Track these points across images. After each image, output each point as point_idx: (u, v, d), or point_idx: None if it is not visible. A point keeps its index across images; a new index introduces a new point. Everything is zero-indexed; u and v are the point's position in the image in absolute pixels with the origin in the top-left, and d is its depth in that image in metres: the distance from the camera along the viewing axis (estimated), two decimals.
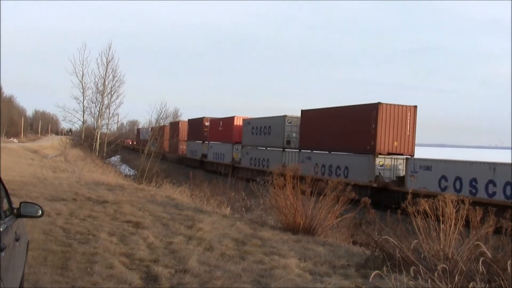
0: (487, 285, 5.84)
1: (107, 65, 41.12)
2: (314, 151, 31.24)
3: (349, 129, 27.45)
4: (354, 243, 10.52)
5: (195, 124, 55.01)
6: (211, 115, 51.87)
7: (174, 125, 63.32)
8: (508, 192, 19.24)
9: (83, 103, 42.07)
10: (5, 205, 4.52)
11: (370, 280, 5.95)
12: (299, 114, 33.53)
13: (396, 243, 6.77)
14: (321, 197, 10.49)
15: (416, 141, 26.97)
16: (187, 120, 60.49)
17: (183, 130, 60.81)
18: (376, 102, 25.55)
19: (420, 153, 28.88)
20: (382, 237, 7.23)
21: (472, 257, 6.27)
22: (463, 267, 6.07)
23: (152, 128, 68.44)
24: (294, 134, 34.07)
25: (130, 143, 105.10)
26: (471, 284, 5.79)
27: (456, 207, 6.65)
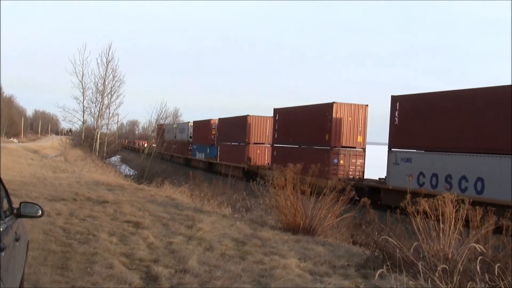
0: (487, 285, 5.84)
1: (107, 65, 41.09)
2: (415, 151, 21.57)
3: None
4: (354, 243, 10.51)
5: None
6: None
7: (305, 112, 29.77)
8: None
9: (83, 103, 42.08)
10: (5, 205, 4.52)
11: (375, 279, 5.94)
12: None
13: (396, 243, 6.77)
14: (321, 197, 10.49)
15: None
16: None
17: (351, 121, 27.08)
18: None
19: None
20: (382, 237, 7.22)
21: (472, 257, 6.27)
22: (463, 267, 6.07)
23: (197, 122, 45.14)
24: None
25: (145, 145, 69.91)
26: (471, 284, 5.80)
27: (455, 207, 6.65)
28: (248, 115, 37.65)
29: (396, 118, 22.45)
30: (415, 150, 21.43)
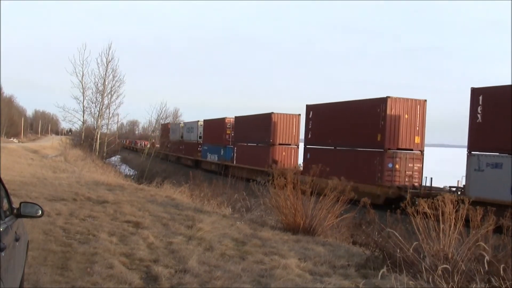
0: (487, 285, 5.85)
1: (107, 65, 41.15)
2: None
3: None
4: (354, 243, 10.51)
5: None
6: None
7: None
8: None
9: (83, 103, 42.15)
10: (5, 205, 4.52)
11: (378, 279, 5.93)
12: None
13: (399, 241, 6.76)
14: (321, 197, 10.49)
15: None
16: None
17: None
18: None
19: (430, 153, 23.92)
20: (387, 230, 7.19)
21: (472, 257, 6.27)
22: (463, 267, 6.07)
23: (209, 121, 42.34)
24: None
25: (148, 145, 55.56)
26: (471, 284, 5.80)
27: (455, 207, 6.66)
28: (272, 112, 33.60)
29: (479, 115, 18.56)
30: (506, 154, 17.46)
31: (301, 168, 28.46)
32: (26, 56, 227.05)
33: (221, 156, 41.96)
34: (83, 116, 42.80)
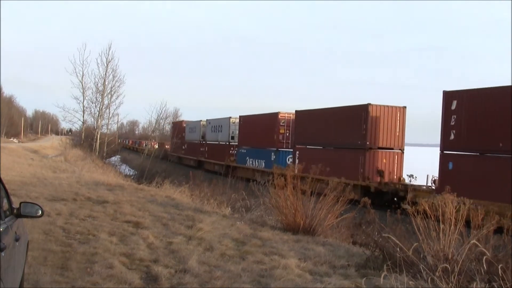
0: (487, 285, 5.84)
1: (107, 65, 41.19)
2: None
3: None
4: (354, 243, 10.52)
5: None
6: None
7: None
8: None
9: (83, 103, 42.20)
10: (5, 205, 4.51)
11: (381, 281, 5.93)
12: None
13: (397, 242, 6.76)
14: (321, 197, 10.49)
15: (411, 141, 21.20)
16: None
17: None
18: None
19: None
20: (383, 235, 7.20)
21: (472, 257, 6.27)
22: (463, 267, 6.07)
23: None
24: None
25: (155, 146, 53.83)
26: (471, 284, 5.79)
27: (456, 207, 6.65)
28: (369, 104, 23.96)
29: None
30: None
31: (406, 181, 22.98)
32: (26, 56, 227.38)
33: (271, 162, 30.69)
34: (83, 116, 42.90)
